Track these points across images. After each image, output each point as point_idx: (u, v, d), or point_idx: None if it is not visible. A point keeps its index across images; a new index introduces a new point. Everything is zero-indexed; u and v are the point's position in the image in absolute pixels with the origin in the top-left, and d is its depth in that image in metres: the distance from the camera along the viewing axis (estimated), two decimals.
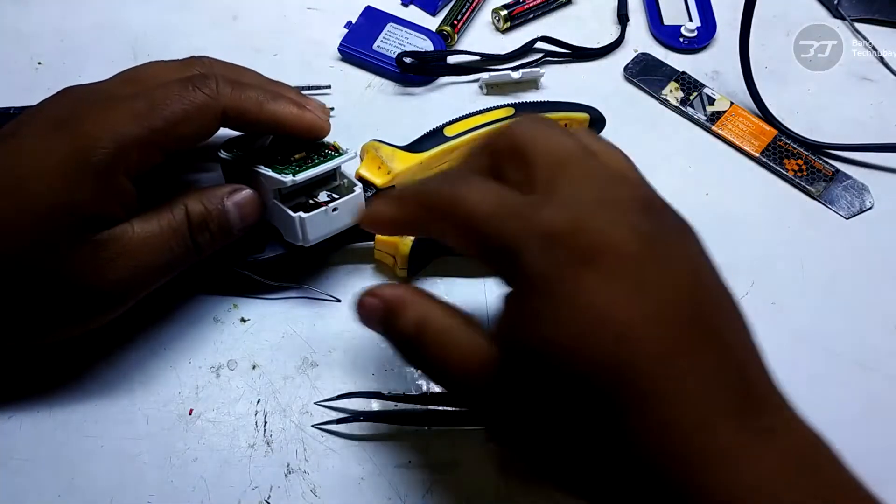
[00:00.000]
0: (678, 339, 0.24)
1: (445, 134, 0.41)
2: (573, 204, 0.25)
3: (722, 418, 0.23)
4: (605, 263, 0.24)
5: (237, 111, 0.33)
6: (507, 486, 0.34)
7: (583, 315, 0.24)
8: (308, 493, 0.33)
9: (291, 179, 0.33)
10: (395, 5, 0.52)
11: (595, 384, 0.24)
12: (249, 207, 0.34)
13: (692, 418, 0.23)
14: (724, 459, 0.23)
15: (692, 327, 0.24)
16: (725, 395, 0.23)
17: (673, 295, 0.24)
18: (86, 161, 0.29)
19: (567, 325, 0.24)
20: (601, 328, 0.24)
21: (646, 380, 0.23)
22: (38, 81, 0.32)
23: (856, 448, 0.35)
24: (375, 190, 0.39)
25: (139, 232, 0.31)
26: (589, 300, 0.24)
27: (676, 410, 0.23)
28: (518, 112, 0.42)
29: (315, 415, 0.35)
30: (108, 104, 0.31)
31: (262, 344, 0.37)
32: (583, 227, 0.25)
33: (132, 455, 0.33)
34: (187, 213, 0.33)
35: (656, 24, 0.52)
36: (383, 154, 0.39)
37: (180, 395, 0.35)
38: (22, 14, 0.49)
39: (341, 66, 0.49)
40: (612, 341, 0.23)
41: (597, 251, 0.24)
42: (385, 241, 0.38)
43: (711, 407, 0.23)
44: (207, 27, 0.49)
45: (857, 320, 0.40)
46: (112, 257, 0.30)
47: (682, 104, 0.48)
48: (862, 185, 0.45)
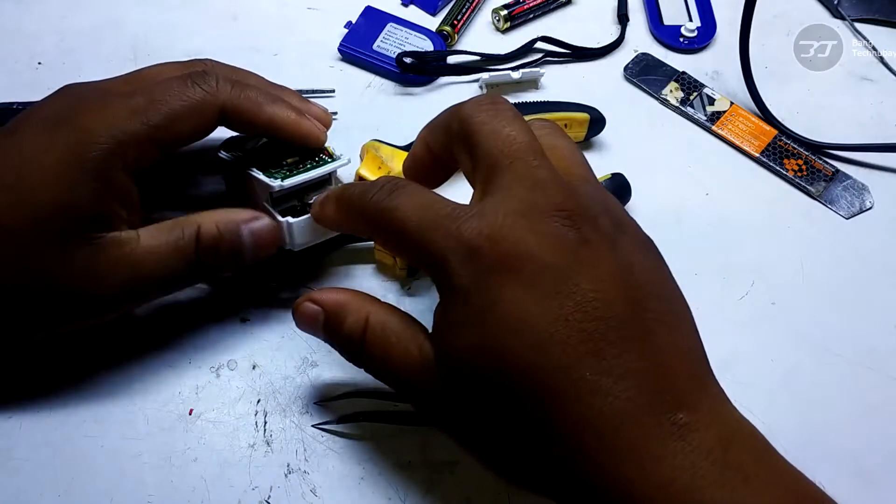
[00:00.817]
0: (595, 341, 0.25)
1: None
2: (497, 213, 0.26)
3: (635, 416, 0.24)
4: (522, 272, 0.25)
5: (235, 110, 0.32)
6: (507, 486, 0.34)
7: (500, 324, 0.25)
8: (308, 493, 0.33)
9: (279, 184, 0.33)
10: (395, 5, 0.52)
11: (515, 390, 0.25)
12: (267, 238, 0.34)
13: (606, 417, 0.24)
14: (636, 455, 0.24)
15: (613, 330, 0.25)
16: (641, 394, 0.24)
17: (593, 300, 0.25)
18: (83, 157, 0.29)
19: (485, 334, 0.25)
20: (517, 336, 0.25)
21: (560, 382, 0.24)
22: (38, 81, 0.32)
23: (856, 448, 0.35)
24: None
25: (144, 243, 0.31)
26: (506, 309, 0.25)
27: (590, 410, 0.24)
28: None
29: (315, 415, 0.35)
30: (106, 100, 0.31)
31: (262, 344, 0.37)
32: (502, 236, 0.26)
33: (132, 455, 0.33)
34: (199, 233, 0.32)
35: (656, 24, 0.52)
36: (383, 154, 0.39)
37: (180, 395, 0.35)
38: (22, 14, 0.49)
39: (341, 66, 0.49)
40: (527, 347, 0.25)
41: (515, 260, 0.25)
42: None
43: (625, 406, 0.24)
44: (207, 27, 0.49)
45: (857, 320, 0.40)
46: (110, 263, 0.30)
47: (682, 104, 0.48)
48: (862, 185, 0.45)
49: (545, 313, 0.25)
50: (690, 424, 0.24)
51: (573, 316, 0.25)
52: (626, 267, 0.26)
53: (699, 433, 0.24)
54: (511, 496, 0.34)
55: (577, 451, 0.24)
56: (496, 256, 0.26)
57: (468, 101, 0.30)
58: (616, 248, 0.27)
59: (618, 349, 0.25)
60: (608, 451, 0.24)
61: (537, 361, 0.25)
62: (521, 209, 0.26)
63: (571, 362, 0.24)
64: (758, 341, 0.39)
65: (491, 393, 0.26)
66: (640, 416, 0.24)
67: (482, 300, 0.26)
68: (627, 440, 0.24)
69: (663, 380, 0.25)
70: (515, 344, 0.25)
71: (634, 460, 0.24)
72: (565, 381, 0.24)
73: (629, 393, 0.24)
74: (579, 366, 0.24)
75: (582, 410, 0.24)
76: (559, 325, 0.25)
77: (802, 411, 0.37)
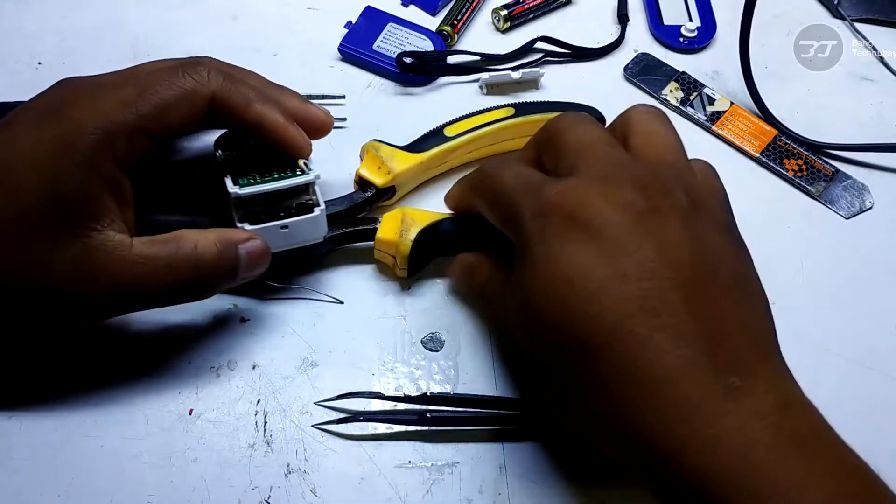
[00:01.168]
0: (651, 299, 0.26)
1: (446, 134, 0.41)
2: (576, 181, 0.29)
3: (687, 374, 0.24)
4: (587, 229, 0.27)
5: (224, 102, 0.32)
6: (507, 486, 0.34)
7: (557, 274, 0.27)
8: (308, 493, 0.33)
9: (236, 192, 0.33)
10: (395, 5, 0.52)
11: (568, 338, 0.26)
12: (260, 258, 0.33)
13: (655, 372, 0.25)
14: (684, 413, 0.24)
15: (672, 291, 0.26)
16: (694, 354, 0.25)
17: (653, 260, 0.26)
18: (72, 148, 0.29)
19: (545, 283, 0.27)
20: (571, 286, 0.26)
21: (610, 334, 0.25)
22: (38, 81, 0.32)
23: (856, 448, 0.35)
24: (375, 190, 0.39)
25: (136, 251, 0.30)
26: (565, 261, 0.27)
27: (639, 363, 0.25)
28: (518, 112, 0.42)
29: (315, 415, 0.35)
30: (97, 92, 0.30)
31: (262, 344, 0.37)
32: (574, 197, 0.28)
33: (132, 455, 0.33)
34: (196, 252, 0.31)
35: (656, 24, 0.52)
36: (383, 154, 0.39)
37: (180, 395, 0.35)
38: (22, 14, 0.49)
39: (341, 66, 0.49)
40: (581, 298, 0.26)
41: (581, 218, 0.27)
42: (385, 242, 0.38)
43: (677, 362, 0.25)
44: (207, 27, 0.49)
45: (857, 320, 0.40)
46: (98, 264, 0.29)
47: (682, 104, 0.48)
48: (862, 185, 0.45)
49: (601, 267, 0.26)
50: (744, 389, 0.24)
51: (632, 273, 0.26)
52: (696, 240, 0.27)
53: (753, 398, 0.24)
54: (511, 496, 0.34)
55: (624, 404, 0.25)
56: (563, 213, 0.28)
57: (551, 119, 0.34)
58: (688, 222, 0.27)
59: (675, 309, 0.25)
60: (656, 407, 0.24)
61: (589, 312, 0.26)
62: (598, 178, 0.28)
63: (623, 316, 0.25)
64: None
65: (550, 340, 0.27)
66: (691, 375, 0.24)
67: (545, 251, 0.27)
68: (676, 397, 0.24)
69: (720, 345, 0.25)
70: (569, 294, 0.26)
71: (682, 417, 0.24)
72: (615, 333, 0.25)
73: (681, 351, 0.25)
74: (631, 320, 0.25)
75: (629, 363, 0.25)
76: (615, 280, 0.26)
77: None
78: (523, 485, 0.34)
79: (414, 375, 0.37)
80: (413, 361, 0.37)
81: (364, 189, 0.39)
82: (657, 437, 0.24)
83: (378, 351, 0.37)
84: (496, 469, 0.34)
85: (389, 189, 0.40)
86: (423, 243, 0.37)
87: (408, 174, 0.40)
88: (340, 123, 0.45)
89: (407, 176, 0.40)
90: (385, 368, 0.37)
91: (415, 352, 0.37)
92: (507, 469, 0.34)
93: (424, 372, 0.37)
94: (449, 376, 0.37)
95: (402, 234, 0.37)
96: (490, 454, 0.34)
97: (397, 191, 0.40)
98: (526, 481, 0.34)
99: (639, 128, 0.32)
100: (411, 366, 0.37)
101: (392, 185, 0.39)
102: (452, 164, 0.43)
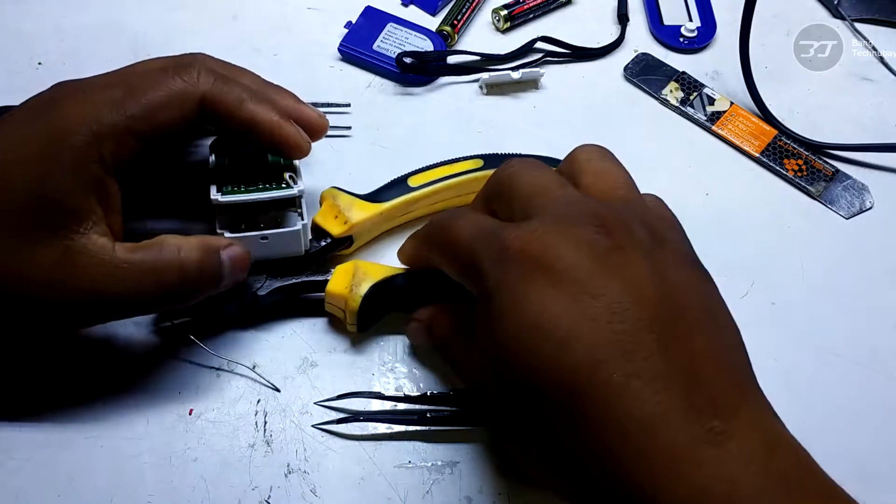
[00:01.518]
0: (624, 342, 0.24)
1: (409, 184, 0.39)
2: (532, 224, 0.27)
3: (667, 420, 0.23)
4: (549, 273, 0.26)
5: (215, 103, 0.32)
6: (507, 486, 0.34)
7: (523, 322, 0.26)
8: (308, 493, 0.33)
9: (216, 199, 0.33)
10: (395, 5, 0.52)
11: (542, 388, 0.25)
12: (241, 264, 0.33)
13: (635, 419, 0.23)
14: (668, 461, 0.23)
15: (644, 332, 0.24)
16: (672, 398, 0.24)
17: (622, 301, 0.25)
18: (59, 148, 0.29)
19: (512, 333, 0.26)
20: (539, 334, 0.25)
21: (585, 382, 0.24)
22: (38, 81, 0.32)
23: (856, 448, 0.35)
24: (331, 239, 0.37)
25: (119, 255, 0.29)
26: (530, 308, 0.25)
27: (617, 411, 0.24)
28: (487, 164, 0.40)
29: (315, 415, 0.35)
30: (87, 93, 0.30)
31: (262, 344, 0.37)
32: (533, 240, 0.27)
33: (132, 455, 0.33)
34: (180, 256, 0.31)
35: (656, 24, 0.52)
36: (341, 203, 0.38)
37: (180, 395, 0.35)
38: (22, 14, 0.49)
39: (341, 66, 0.49)
40: (554, 347, 0.25)
41: (542, 262, 0.26)
42: (334, 295, 0.36)
43: (656, 409, 0.23)
44: (207, 27, 0.49)
45: (857, 320, 0.40)
46: (79, 267, 0.29)
47: (682, 104, 0.48)
48: (862, 185, 0.45)
49: (570, 313, 0.25)
50: (727, 432, 0.23)
51: (601, 317, 0.24)
52: (661, 274, 0.26)
53: (737, 441, 0.23)
54: (511, 496, 0.34)
55: (603, 454, 0.24)
56: (524, 258, 0.26)
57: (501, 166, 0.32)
58: (652, 257, 0.26)
59: (649, 351, 0.24)
60: (637, 455, 0.23)
61: (560, 360, 0.24)
62: (555, 219, 0.27)
63: (597, 362, 0.24)
64: (758, 341, 0.39)
65: (521, 392, 0.26)
66: (671, 420, 0.23)
67: (509, 299, 0.26)
68: (658, 444, 0.23)
69: (697, 385, 0.24)
70: (539, 343, 0.25)
71: (667, 465, 0.23)
72: (590, 381, 0.24)
73: (659, 396, 0.23)
74: (606, 366, 0.24)
75: (608, 411, 0.24)
76: (585, 324, 0.24)
77: (802, 411, 0.37)
78: (523, 485, 0.34)
79: (414, 375, 0.37)
80: (413, 361, 0.37)
81: (319, 238, 0.37)
82: (643, 486, 0.23)
83: (378, 351, 0.37)
84: (496, 469, 0.34)
85: (346, 239, 0.38)
86: (375, 299, 0.35)
87: (366, 224, 0.38)
88: (345, 132, 0.45)
89: (365, 226, 0.38)
90: (385, 368, 0.37)
91: (415, 352, 0.37)
92: (507, 469, 0.34)
93: (424, 372, 0.37)
94: (449, 376, 0.37)
95: (353, 288, 0.35)
96: (490, 454, 0.34)
97: (355, 240, 0.39)
98: (526, 481, 0.34)
99: (587, 166, 0.31)
100: (411, 366, 0.37)
101: (349, 236, 0.38)
102: (416, 215, 0.41)
